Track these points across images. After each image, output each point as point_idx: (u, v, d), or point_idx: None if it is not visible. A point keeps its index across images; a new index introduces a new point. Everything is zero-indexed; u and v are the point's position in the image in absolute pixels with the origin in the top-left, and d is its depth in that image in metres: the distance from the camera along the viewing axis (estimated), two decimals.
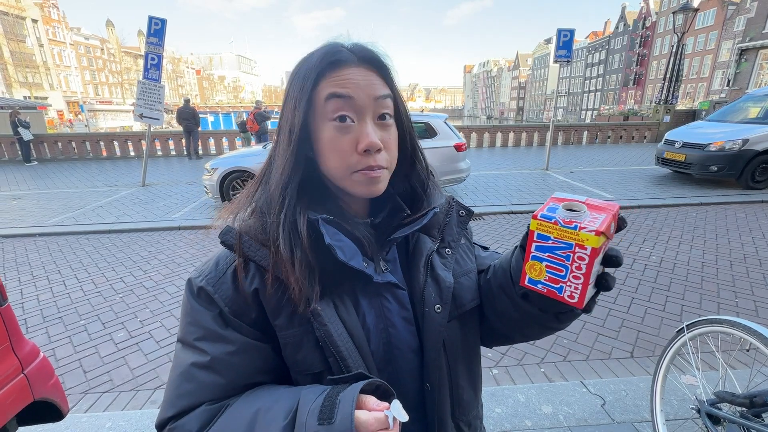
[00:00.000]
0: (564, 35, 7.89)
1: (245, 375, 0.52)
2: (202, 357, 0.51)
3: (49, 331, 2.93)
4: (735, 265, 3.73)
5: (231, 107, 48.45)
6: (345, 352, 0.51)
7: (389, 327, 0.57)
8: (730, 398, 1.34)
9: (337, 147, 0.52)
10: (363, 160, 0.52)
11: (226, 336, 0.52)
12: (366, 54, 0.54)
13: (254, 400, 0.49)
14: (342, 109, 0.51)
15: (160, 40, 7.24)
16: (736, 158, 6.29)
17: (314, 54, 0.53)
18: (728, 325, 1.41)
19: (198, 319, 0.53)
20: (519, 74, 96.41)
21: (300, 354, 0.53)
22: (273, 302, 0.52)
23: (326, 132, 0.52)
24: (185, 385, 0.51)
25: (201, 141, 12.28)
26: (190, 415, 0.50)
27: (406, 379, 0.58)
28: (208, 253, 4.45)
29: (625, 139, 13.19)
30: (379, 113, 0.53)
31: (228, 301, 0.53)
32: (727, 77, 25.92)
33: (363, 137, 0.51)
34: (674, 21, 12.45)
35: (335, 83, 0.51)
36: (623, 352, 2.52)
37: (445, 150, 6.08)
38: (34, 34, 42.84)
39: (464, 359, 0.64)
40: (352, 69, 0.52)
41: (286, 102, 0.55)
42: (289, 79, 0.55)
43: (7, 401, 1.31)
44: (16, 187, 8.17)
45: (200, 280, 0.54)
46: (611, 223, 0.44)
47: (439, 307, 0.58)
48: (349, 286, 0.55)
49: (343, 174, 0.53)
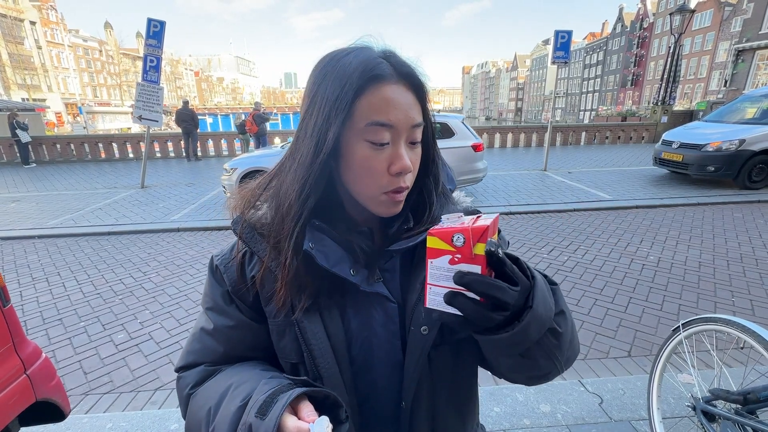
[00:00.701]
0: (562, 36, 7.93)
1: (240, 348, 0.60)
2: (208, 324, 0.60)
3: (49, 332, 2.93)
4: (732, 265, 3.76)
5: (230, 109, 48.45)
6: (316, 351, 0.55)
7: (372, 337, 0.58)
8: (724, 396, 1.36)
9: (370, 167, 0.51)
10: (393, 182, 0.52)
11: (228, 312, 0.59)
12: (406, 71, 0.52)
13: (234, 374, 0.55)
14: (382, 134, 0.50)
15: (159, 42, 7.25)
16: (733, 158, 6.32)
17: (350, 61, 0.50)
18: (723, 324, 1.43)
19: (211, 291, 0.61)
20: (517, 75, 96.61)
21: (282, 342, 0.58)
22: (266, 291, 0.57)
23: (360, 151, 0.51)
24: (195, 343, 0.61)
25: (200, 143, 12.28)
26: (192, 371, 0.60)
27: (384, 392, 0.59)
28: (207, 254, 4.45)
29: (623, 140, 13.24)
30: (411, 138, 0.53)
31: (232, 282, 0.59)
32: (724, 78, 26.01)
33: (397, 159, 0.51)
34: (671, 22, 12.51)
35: (378, 107, 0.50)
36: (621, 351, 2.54)
37: (463, 150, 6.10)
38: (32, 36, 42.76)
39: (453, 385, 0.63)
40: (392, 87, 0.51)
41: (312, 107, 0.52)
42: (318, 81, 0.52)
43: (9, 401, 1.32)
44: (15, 190, 8.16)
45: (218, 259, 0.62)
46: (455, 233, 0.41)
47: (425, 328, 0.56)
48: (338, 291, 0.56)
49: (372, 194, 0.53)
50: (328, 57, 0.53)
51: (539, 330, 0.44)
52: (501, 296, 0.40)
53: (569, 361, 0.53)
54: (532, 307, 0.42)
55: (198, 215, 5.93)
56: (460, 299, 0.41)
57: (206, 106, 67.60)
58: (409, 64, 0.53)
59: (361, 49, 0.52)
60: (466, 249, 0.41)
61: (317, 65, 0.54)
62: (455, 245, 0.41)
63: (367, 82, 0.49)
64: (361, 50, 0.52)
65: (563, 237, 4.69)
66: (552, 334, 0.47)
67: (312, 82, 0.54)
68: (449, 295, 0.42)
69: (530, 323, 0.42)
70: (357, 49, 0.52)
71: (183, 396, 0.59)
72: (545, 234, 4.83)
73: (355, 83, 0.49)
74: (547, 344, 0.47)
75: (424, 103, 0.55)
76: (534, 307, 0.42)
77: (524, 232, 4.95)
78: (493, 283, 0.40)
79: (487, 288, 0.40)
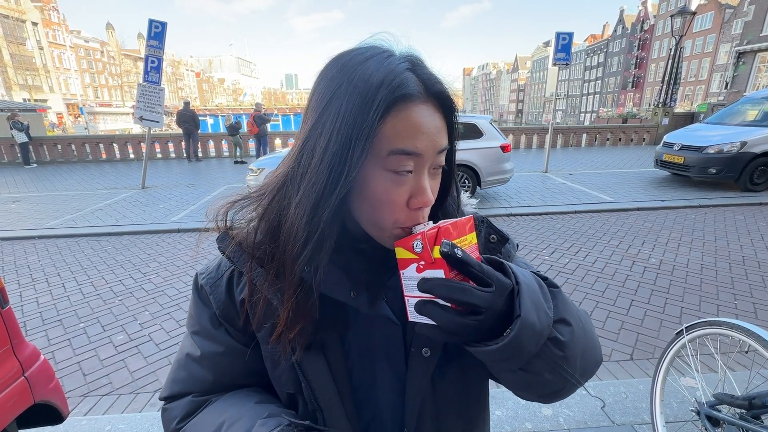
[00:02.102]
0: (562, 38, 7.93)
1: (230, 376, 0.55)
2: (194, 350, 0.55)
3: (49, 333, 2.92)
4: (734, 268, 3.74)
5: (231, 110, 48.53)
6: (315, 382, 0.50)
7: (375, 362, 0.53)
8: (729, 400, 1.35)
9: (389, 200, 0.45)
10: (411, 216, 0.46)
11: (216, 336, 0.54)
12: (438, 89, 0.45)
13: (226, 409, 0.51)
14: (406, 164, 0.44)
15: (161, 43, 7.26)
16: (734, 160, 6.31)
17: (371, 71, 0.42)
18: (727, 327, 1.42)
19: (197, 313, 0.56)
20: (518, 77, 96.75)
21: (277, 371, 0.53)
22: (257, 316, 0.51)
23: (378, 181, 0.44)
24: (180, 371, 0.56)
25: (200, 143, 12.29)
26: (178, 402, 0.55)
27: (390, 418, 0.55)
28: (208, 255, 4.42)
29: (624, 142, 13.24)
30: (435, 164, 0.47)
31: (220, 305, 0.53)
32: (725, 80, 26.01)
33: (419, 193, 0.45)
34: (672, 24, 12.52)
35: (404, 133, 0.42)
36: (623, 354, 2.53)
37: (492, 150, 6.12)
38: (34, 36, 42.90)
39: (461, 409, 0.58)
40: (421, 108, 0.43)
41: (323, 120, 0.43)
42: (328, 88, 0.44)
43: (8, 404, 1.31)
44: (15, 190, 8.16)
45: (203, 278, 0.56)
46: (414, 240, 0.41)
47: (427, 350, 0.52)
48: (338, 316, 0.51)
49: (385, 227, 0.46)
50: (341, 61, 0.44)
51: (535, 341, 0.39)
52: (466, 298, 0.37)
53: (586, 374, 0.47)
54: (521, 315, 0.38)
55: (198, 216, 5.92)
56: (429, 307, 0.39)
57: (207, 106, 67.73)
58: (440, 80, 0.46)
59: (381, 54, 0.44)
60: (425, 254, 0.40)
61: (328, 69, 0.45)
62: (416, 252, 0.41)
63: (393, 103, 0.41)
64: (383, 56, 0.44)
65: (564, 239, 4.68)
66: (554, 345, 0.41)
67: (321, 92, 0.44)
68: (419, 304, 0.40)
69: (522, 332, 0.38)
70: (377, 53, 0.44)
71: (170, 431, 0.54)
72: (546, 236, 4.82)
73: (382, 105, 0.41)
74: (550, 356, 0.41)
75: (451, 125, 0.48)
76: (523, 315, 0.38)
77: (525, 234, 4.93)
78: (453, 285, 0.37)
79: (449, 291, 0.37)
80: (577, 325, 0.46)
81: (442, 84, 0.46)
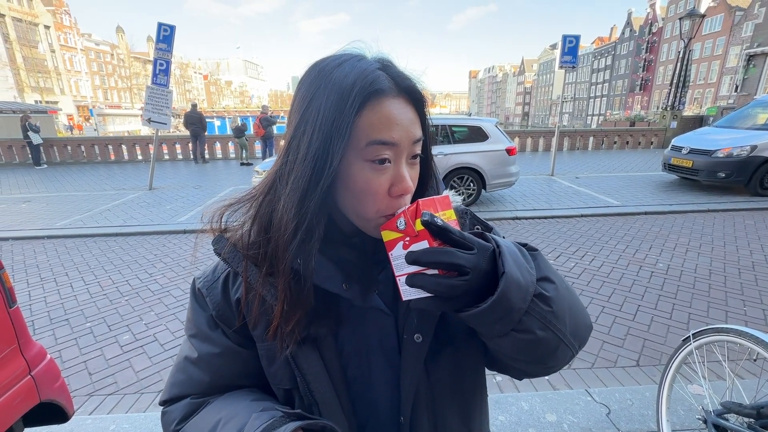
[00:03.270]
0: (569, 41, 7.90)
1: (227, 377, 0.56)
2: (192, 353, 0.56)
3: (56, 333, 2.96)
4: (743, 273, 3.69)
5: (237, 112, 48.93)
6: (310, 376, 0.52)
7: (370, 354, 0.55)
8: (737, 409, 1.32)
9: (371, 190, 0.48)
10: (393, 204, 0.49)
11: (213, 338, 0.55)
12: (407, 84, 0.49)
13: (223, 408, 0.52)
14: (383, 152, 0.47)
15: (169, 46, 7.35)
16: (744, 165, 6.23)
17: (345, 72, 0.46)
18: (735, 335, 1.39)
19: (194, 317, 0.57)
20: (524, 79, 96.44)
21: (272, 368, 0.54)
22: (253, 314, 0.52)
23: (359, 172, 0.47)
24: (179, 374, 0.57)
25: (207, 145, 12.40)
26: (177, 405, 0.56)
27: (386, 410, 0.56)
28: (213, 257, 4.46)
29: (632, 145, 13.12)
30: (412, 154, 0.50)
31: (216, 306, 0.55)
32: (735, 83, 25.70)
33: (398, 180, 0.48)
34: (681, 27, 12.39)
35: (379, 125, 0.46)
36: (629, 360, 2.50)
37: (497, 153, 6.09)
38: (46, 39, 43.63)
39: (455, 396, 0.59)
40: (393, 102, 0.47)
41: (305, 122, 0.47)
42: (311, 95, 0.47)
43: (14, 402, 1.33)
44: (26, 190, 8.29)
45: (200, 282, 0.58)
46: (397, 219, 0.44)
47: (419, 336, 0.53)
48: (330, 309, 0.53)
49: (369, 217, 0.49)
50: (318, 67, 0.49)
51: (522, 296, 0.41)
52: (452, 260, 0.39)
53: (578, 336, 0.49)
54: (506, 272, 0.41)
55: None
56: (419, 278, 0.41)
57: (214, 109, 68.34)
58: (409, 76, 0.50)
59: (354, 58, 0.48)
60: (409, 229, 0.43)
61: (307, 75, 0.49)
62: (400, 230, 0.44)
63: (367, 98, 0.46)
64: (355, 60, 0.48)
65: (570, 243, 4.65)
66: (541, 300, 0.43)
67: (302, 95, 0.48)
68: (410, 278, 0.42)
69: (508, 288, 0.40)
70: (350, 58, 0.48)
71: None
72: (552, 240, 4.78)
73: (357, 101, 0.45)
74: (539, 311, 0.43)
75: (423, 117, 0.52)
76: (507, 271, 0.41)
77: (531, 237, 4.90)
78: (438, 250, 0.40)
79: (434, 256, 0.40)
80: (561, 283, 0.48)
81: (411, 80, 0.50)
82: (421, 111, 0.52)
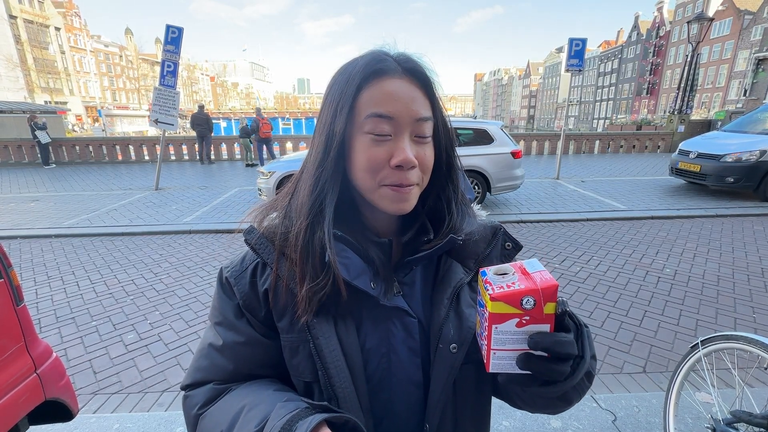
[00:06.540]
0: (576, 44, 7.87)
1: (249, 365, 0.57)
2: (217, 340, 0.57)
3: (62, 331, 2.98)
4: (752, 279, 3.63)
5: (244, 113, 49.26)
6: (332, 369, 0.52)
7: (391, 353, 0.55)
8: (747, 418, 1.30)
9: (370, 158, 0.50)
10: (393, 175, 0.51)
11: (238, 327, 0.56)
12: (411, 65, 0.52)
13: (247, 395, 0.53)
14: (381, 125, 0.50)
15: (177, 48, 7.41)
16: (753, 169, 6.15)
17: (358, 61, 0.52)
18: (745, 342, 1.37)
19: (220, 305, 0.59)
20: (530, 83, 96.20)
21: (295, 360, 0.55)
22: (279, 305, 0.54)
23: (361, 144, 0.51)
24: (202, 360, 0.58)
25: (213, 146, 12.47)
26: (200, 389, 0.57)
27: (402, 411, 0.56)
28: (218, 257, 4.49)
29: (638, 149, 13.02)
30: (417, 132, 0.52)
31: (243, 296, 0.56)
32: (743, 87, 25.43)
33: (398, 152, 0.50)
34: (689, 30, 12.31)
35: (378, 99, 0.50)
36: (635, 366, 2.47)
37: (502, 156, 6.09)
38: (56, 41, 44.22)
39: (475, 405, 0.60)
40: (396, 81, 0.51)
41: (324, 107, 0.54)
42: (330, 84, 0.54)
43: (19, 400, 1.33)
44: (35, 189, 8.38)
45: (227, 271, 0.58)
46: (524, 296, 0.40)
47: (455, 346, 0.54)
48: (355, 304, 0.54)
49: (372, 186, 0.52)
50: (342, 66, 0.54)
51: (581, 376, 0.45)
52: (571, 350, 0.42)
53: None
54: (584, 357, 0.44)
55: (210, 218, 5.99)
56: (535, 362, 0.42)
57: (221, 110, 68.80)
58: (414, 59, 0.53)
59: (371, 51, 0.53)
60: (537, 311, 0.41)
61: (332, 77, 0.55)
62: (524, 308, 0.41)
63: (370, 75, 0.50)
64: (371, 53, 0.53)
65: (576, 247, 4.61)
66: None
67: (325, 92, 0.55)
68: (523, 359, 0.43)
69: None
70: (368, 53, 0.53)
71: (191, 416, 0.56)
72: (557, 243, 4.75)
73: (358, 78, 0.50)
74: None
75: (433, 99, 0.54)
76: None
77: (536, 241, 4.87)
78: (562, 339, 0.42)
79: (558, 346, 0.41)
80: None
81: (416, 62, 0.53)
82: (431, 94, 0.54)
